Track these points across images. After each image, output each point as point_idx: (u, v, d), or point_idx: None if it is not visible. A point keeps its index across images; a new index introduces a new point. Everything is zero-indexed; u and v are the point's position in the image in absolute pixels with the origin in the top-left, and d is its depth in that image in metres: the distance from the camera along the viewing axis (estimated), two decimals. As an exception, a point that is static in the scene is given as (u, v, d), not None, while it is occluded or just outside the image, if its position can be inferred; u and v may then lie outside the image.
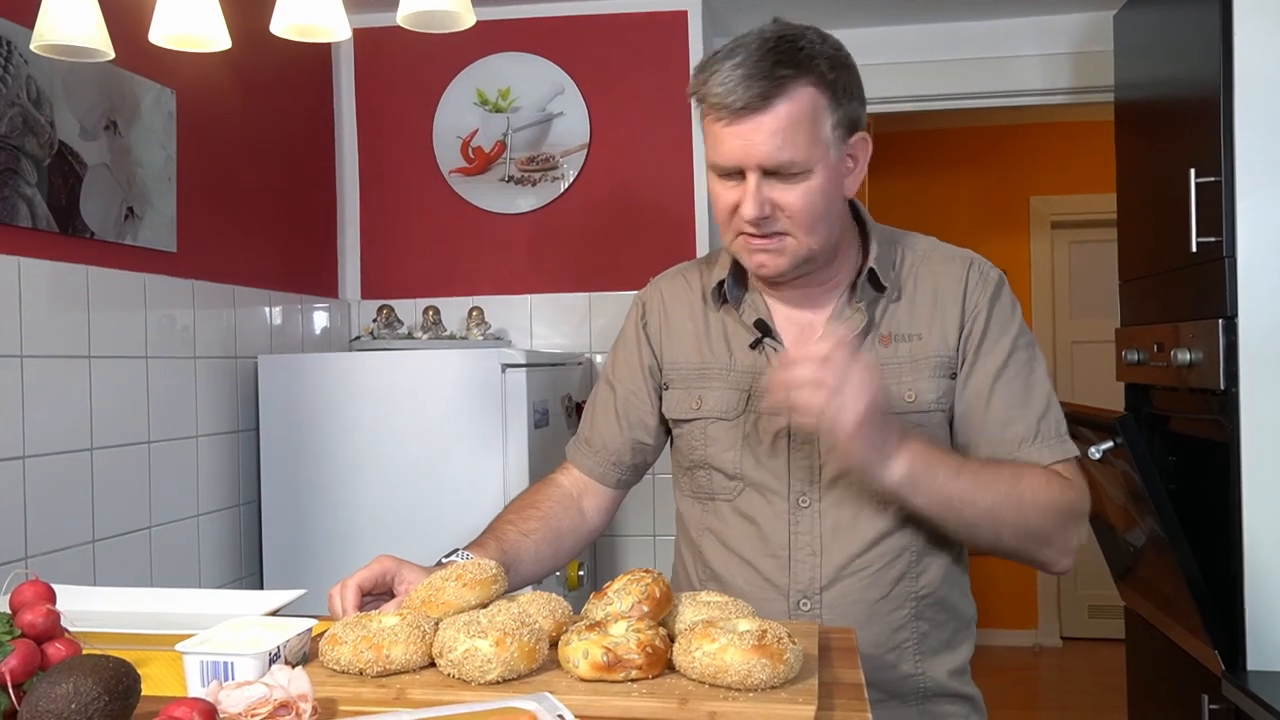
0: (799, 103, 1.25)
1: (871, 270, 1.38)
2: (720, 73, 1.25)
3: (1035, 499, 1.31)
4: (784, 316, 1.43)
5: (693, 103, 1.34)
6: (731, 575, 1.43)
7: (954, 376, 1.38)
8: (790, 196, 1.28)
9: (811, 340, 1.38)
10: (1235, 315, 1.98)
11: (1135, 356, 2.40)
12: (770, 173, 1.27)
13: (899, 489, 1.27)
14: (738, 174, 1.29)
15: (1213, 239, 2.01)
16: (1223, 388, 1.99)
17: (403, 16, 1.36)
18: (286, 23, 1.38)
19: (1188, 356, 2.10)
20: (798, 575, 1.38)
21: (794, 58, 1.25)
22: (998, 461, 1.34)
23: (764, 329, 1.41)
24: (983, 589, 1.97)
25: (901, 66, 3.24)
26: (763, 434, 1.40)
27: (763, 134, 1.25)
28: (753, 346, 1.42)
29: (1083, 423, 2.25)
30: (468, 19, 1.38)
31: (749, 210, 1.28)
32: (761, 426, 1.40)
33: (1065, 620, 5.14)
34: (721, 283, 1.44)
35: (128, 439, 2.13)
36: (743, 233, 1.32)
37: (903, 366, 1.37)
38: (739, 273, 1.44)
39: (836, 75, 1.28)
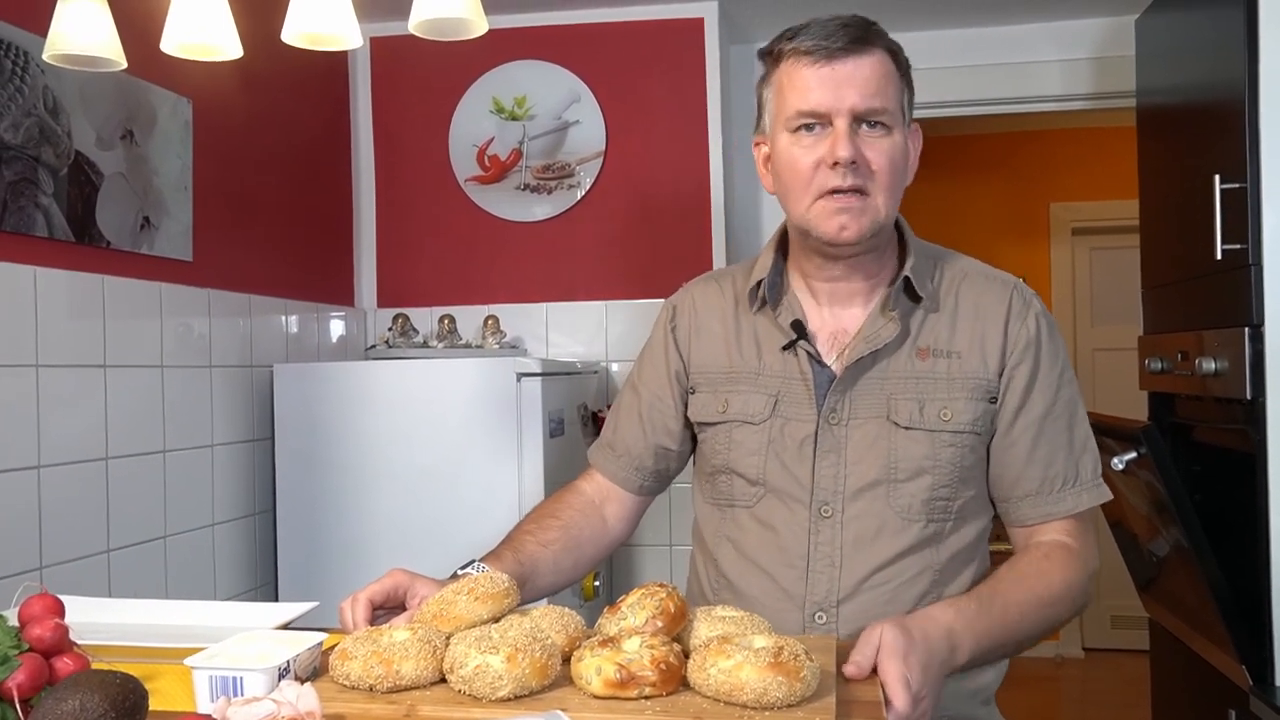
0: (885, 62, 1.31)
1: (907, 279, 1.36)
2: (813, 26, 1.30)
3: (1061, 589, 1.32)
4: (818, 322, 1.41)
5: (763, 68, 1.37)
6: (747, 584, 1.41)
7: (993, 400, 1.36)
8: (876, 150, 1.30)
9: (844, 346, 1.39)
10: (1261, 324, 1.95)
11: (1158, 365, 2.37)
12: (859, 121, 1.29)
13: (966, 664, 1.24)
14: (822, 124, 1.30)
15: (1238, 246, 1.98)
16: (1249, 397, 1.96)
17: (414, 24, 1.35)
18: (297, 31, 1.38)
19: (1212, 365, 2.07)
20: (815, 586, 1.36)
21: (876, 24, 1.33)
22: (1013, 566, 1.34)
23: (800, 330, 1.39)
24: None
25: (921, 73, 3.14)
26: (788, 439, 1.38)
27: (859, 77, 1.28)
28: (785, 348, 1.40)
29: (1106, 433, 2.22)
30: (479, 26, 1.37)
31: (843, 150, 1.27)
32: (788, 432, 1.38)
33: (1088, 631, 5.09)
34: (759, 283, 1.42)
35: (143, 448, 2.13)
36: (825, 192, 1.30)
37: (939, 383, 1.35)
38: (777, 274, 1.44)
39: (903, 58, 1.36)
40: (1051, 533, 1.37)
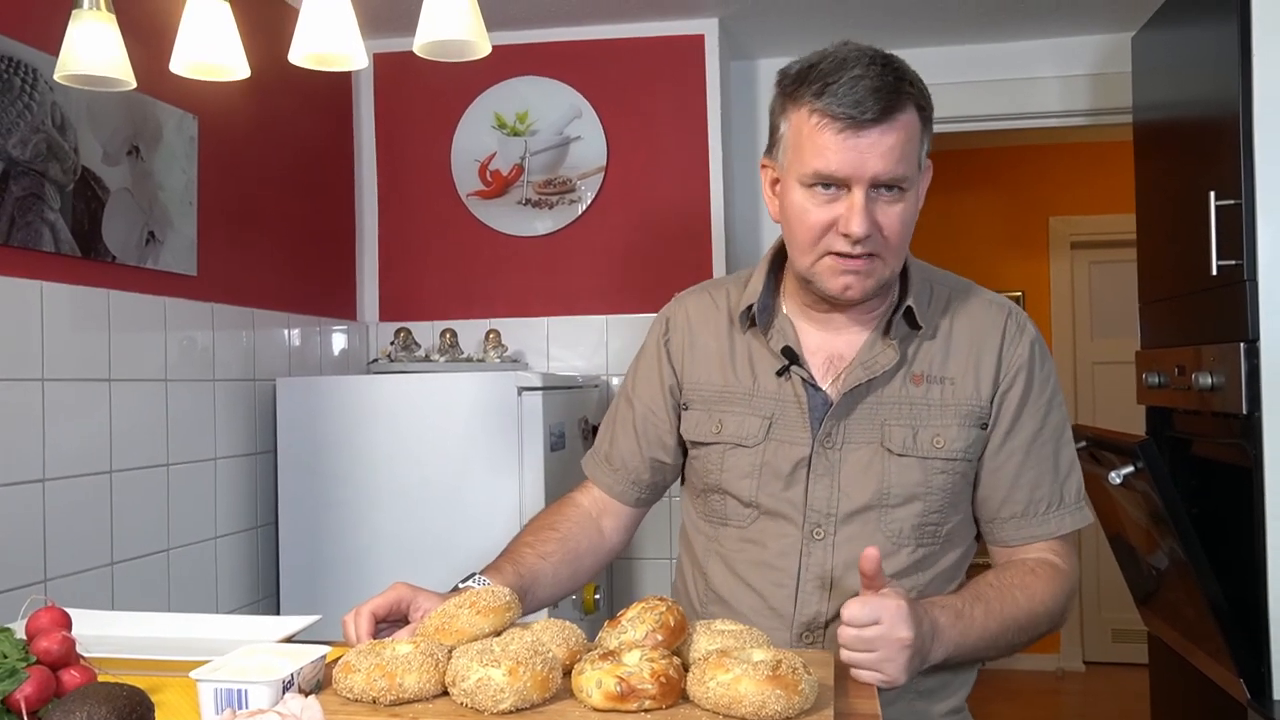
0: (912, 122, 1.26)
1: (909, 308, 1.35)
2: (842, 83, 1.22)
3: (1042, 606, 1.33)
4: (813, 344, 1.40)
5: (781, 94, 1.29)
6: (737, 600, 1.41)
7: (984, 427, 1.36)
8: (890, 216, 1.26)
9: (840, 371, 1.38)
10: (1256, 339, 1.96)
11: (1156, 379, 2.38)
12: (877, 188, 1.25)
13: (938, 663, 1.25)
14: (839, 187, 1.25)
15: (1233, 262, 2.00)
16: (1244, 412, 1.97)
17: (419, 45, 1.37)
18: (304, 52, 1.39)
19: (1209, 380, 2.08)
20: (804, 607, 1.36)
21: (906, 77, 1.26)
22: (1000, 575, 1.34)
23: (791, 357, 1.38)
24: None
25: (919, 88, 3.23)
26: (782, 462, 1.38)
27: (883, 147, 1.23)
28: (779, 374, 1.39)
29: (1104, 447, 2.23)
30: (483, 48, 1.39)
31: (858, 227, 1.24)
32: (781, 455, 1.38)
33: (1088, 644, 5.08)
34: (751, 306, 1.41)
35: (147, 461, 2.14)
36: (832, 252, 1.28)
37: (932, 410, 1.35)
38: (769, 296, 1.42)
39: (929, 105, 1.29)
40: (1035, 551, 1.38)
